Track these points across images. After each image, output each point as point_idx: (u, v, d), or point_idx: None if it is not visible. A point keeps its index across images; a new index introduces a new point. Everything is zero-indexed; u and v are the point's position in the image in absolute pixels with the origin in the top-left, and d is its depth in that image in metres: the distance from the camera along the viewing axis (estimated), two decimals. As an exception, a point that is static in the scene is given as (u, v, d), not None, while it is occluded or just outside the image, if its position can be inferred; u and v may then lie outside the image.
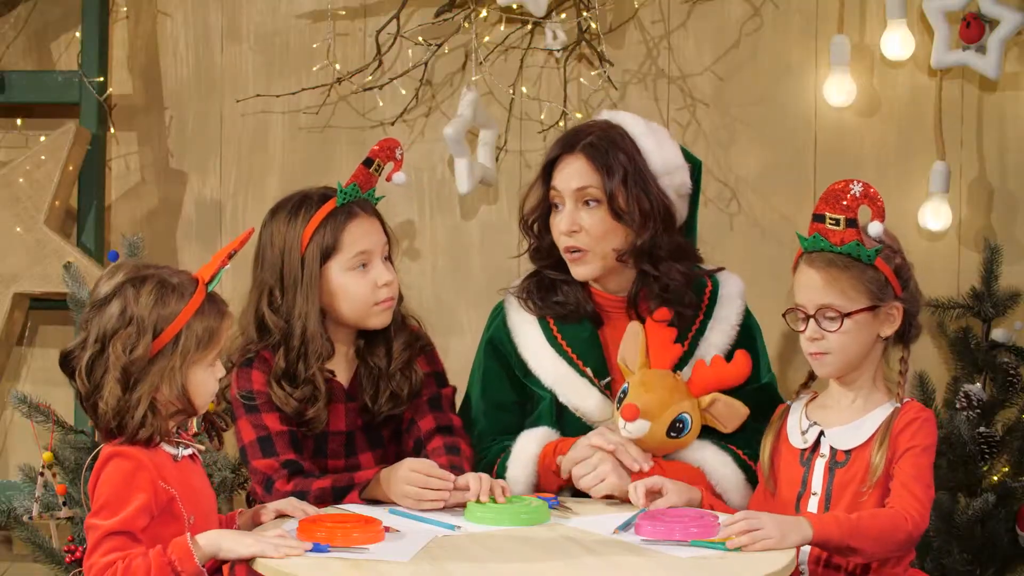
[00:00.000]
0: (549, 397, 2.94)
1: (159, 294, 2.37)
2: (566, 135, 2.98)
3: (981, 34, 3.55)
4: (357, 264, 2.86)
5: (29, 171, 3.81)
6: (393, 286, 2.91)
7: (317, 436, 2.89)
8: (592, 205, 2.90)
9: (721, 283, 3.02)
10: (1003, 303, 3.56)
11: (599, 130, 2.94)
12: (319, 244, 2.84)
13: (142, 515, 2.32)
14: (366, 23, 3.86)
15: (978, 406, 3.49)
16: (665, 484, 2.69)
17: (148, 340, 2.35)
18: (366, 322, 2.90)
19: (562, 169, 2.93)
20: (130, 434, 2.36)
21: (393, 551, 2.36)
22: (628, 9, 3.79)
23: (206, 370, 2.43)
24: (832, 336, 2.61)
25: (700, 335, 2.95)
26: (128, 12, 3.95)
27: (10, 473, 3.91)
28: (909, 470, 2.56)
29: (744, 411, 2.81)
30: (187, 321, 2.38)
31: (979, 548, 3.46)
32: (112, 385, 2.34)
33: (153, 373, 2.36)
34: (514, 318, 3.01)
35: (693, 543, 2.40)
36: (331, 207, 2.86)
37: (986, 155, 3.71)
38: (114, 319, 2.36)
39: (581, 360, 2.93)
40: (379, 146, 2.95)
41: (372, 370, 2.93)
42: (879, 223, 2.58)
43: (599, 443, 2.78)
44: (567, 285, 2.97)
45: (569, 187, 2.91)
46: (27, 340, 3.98)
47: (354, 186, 2.89)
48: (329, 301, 2.87)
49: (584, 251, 2.91)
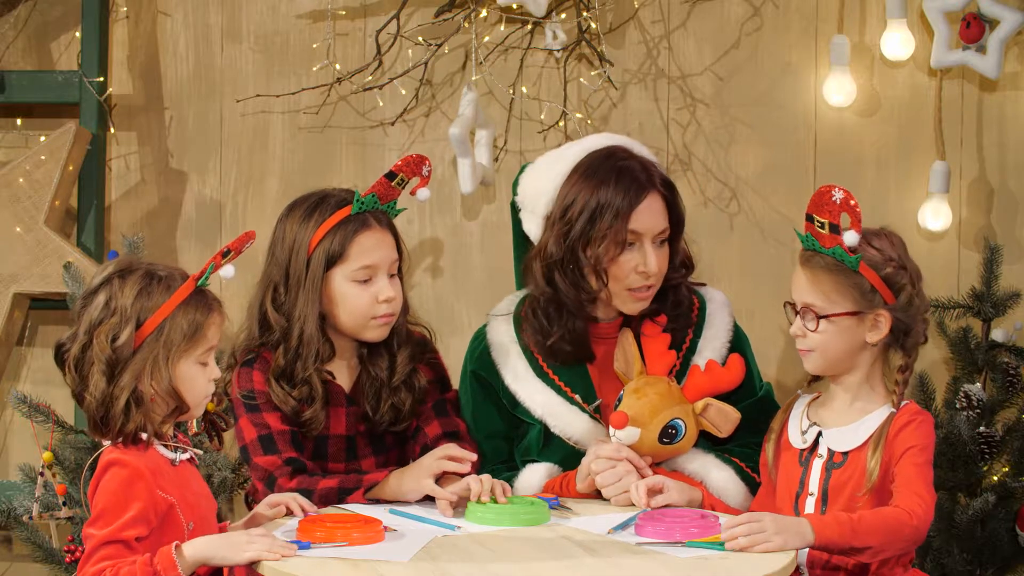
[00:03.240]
0: (538, 426, 2.94)
1: (144, 284, 2.37)
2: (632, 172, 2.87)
3: (981, 34, 3.55)
4: (361, 276, 2.85)
5: (29, 171, 3.81)
6: (395, 303, 2.87)
7: (317, 438, 2.88)
8: (663, 245, 2.91)
9: (707, 299, 3.02)
10: (1003, 303, 3.56)
11: (651, 163, 2.92)
12: (326, 250, 2.83)
13: (137, 524, 2.31)
14: (366, 23, 3.86)
15: (978, 406, 3.49)
16: (666, 483, 2.69)
17: (131, 330, 2.34)
18: (362, 334, 2.89)
19: (648, 209, 2.86)
20: (115, 429, 2.35)
21: (393, 551, 2.36)
22: (628, 9, 3.79)
23: (194, 366, 2.41)
24: (812, 335, 2.63)
25: (691, 352, 2.95)
26: (128, 12, 3.95)
27: (10, 473, 3.91)
28: (909, 470, 2.56)
29: (736, 415, 2.81)
30: (171, 312, 2.37)
31: (979, 548, 3.47)
32: (97, 377, 2.34)
33: (135, 362, 2.35)
34: (498, 349, 2.99)
35: (690, 543, 2.40)
36: (345, 213, 2.84)
37: (986, 155, 3.71)
38: (99, 309, 2.36)
39: (569, 387, 2.93)
40: (403, 161, 2.90)
41: (374, 379, 2.92)
42: (855, 233, 2.58)
43: (610, 454, 2.77)
44: (571, 323, 2.92)
45: (655, 229, 2.87)
46: (27, 340, 3.98)
47: (372, 196, 2.86)
48: (329, 307, 2.86)
49: (654, 286, 2.91)
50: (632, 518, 2.54)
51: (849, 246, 2.58)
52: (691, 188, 3.77)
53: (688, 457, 2.86)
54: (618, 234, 2.83)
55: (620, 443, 2.77)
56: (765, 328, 3.66)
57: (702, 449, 2.88)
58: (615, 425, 2.76)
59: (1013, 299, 3.56)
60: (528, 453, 2.95)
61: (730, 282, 3.72)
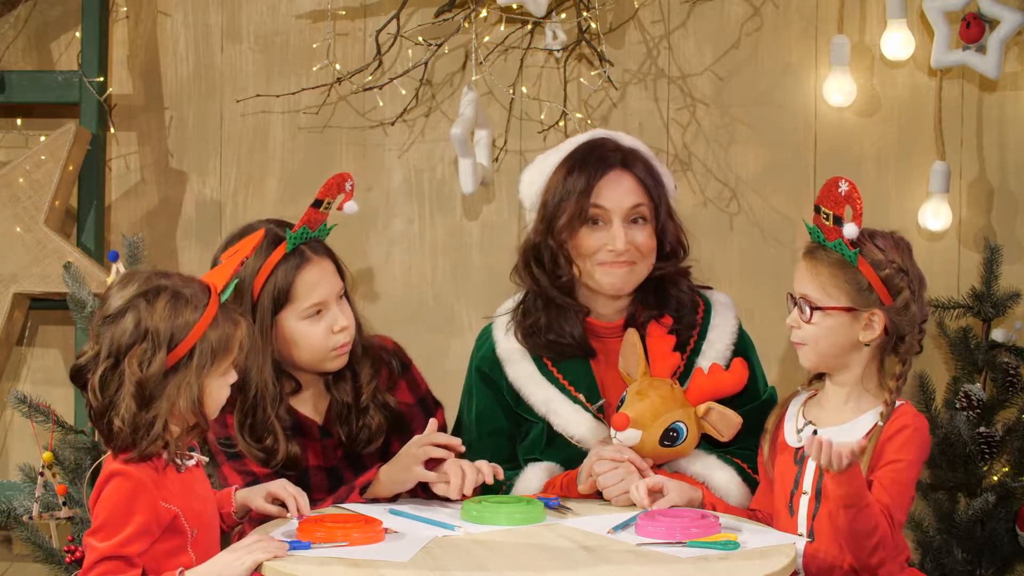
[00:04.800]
0: (541, 424, 2.94)
1: (173, 306, 2.32)
2: (602, 152, 2.91)
3: (981, 34, 3.55)
4: (312, 312, 2.78)
5: (29, 171, 3.81)
6: (349, 330, 2.82)
7: (299, 472, 2.84)
8: (640, 223, 2.89)
9: (713, 302, 3.02)
10: (1003, 303, 3.56)
11: (629, 148, 2.92)
12: (271, 294, 2.75)
13: (139, 539, 2.31)
14: (366, 23, 3.86)
15: (978, 406, 3.49)
16: (666, 483, 2.69)
17: (164, 355, 2.30)
18: (322, 366, 2.83)
19: (612, 185, 2.88)
20: (142, 450, 2.33)
21: (393, 551, 2.36)
22: (628, 9, 3.79)
23: (219, 379, 2.40)
24: (806, 327, 2.64)
25: (696, 355, 2.94)
26: (128, 12, 3.95)
27: (10, 473, 3.91)
28: (892, 489, 2.56)
29: (737, 420, 2.81)
30: (203, 332, 2.34)
31: (979, 548, 3.47)
32: (128, 401, 2.30)
33: (170, 387, 2.32)
34: (503, 347, 2.99)
35: (691, 543, 2.40)
36: (281, 253, 2.76)
37: (986, 155, 3.71)
38: (128, 333, 2.31)
39: (573, 386, 2.93)
40: (325, 187, 2.82)
41: (341, 405, 2.87)
42: (854, 226, 2.58)
43: (613, 455, 2.77)
44: (563, 317, 2.93)
45: (622, 205, 2.87)
46: (27, 340, 3.98)
47: (304, 229, 2.78)
48: (285, 348, 2.81)
49: (633, 263, 2.89)
50: (632, 518, 2.54)
51: (848, 238, 2.58)
52: (691, 188, 3.78)
53: (690, 458, 2.86)
54: (582, 211, 2.85)
55: (622, 444, 2.77)
56: (765, 328, 3.65)
57: (704, 450, 2.88)
58: (616, 427, 2.75)
59: (1013, 299, 3.57)
60: (531, 451, 2.95)
61: (730, 282, 3.72)
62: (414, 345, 3.08)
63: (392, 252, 3.90)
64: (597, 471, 2.76)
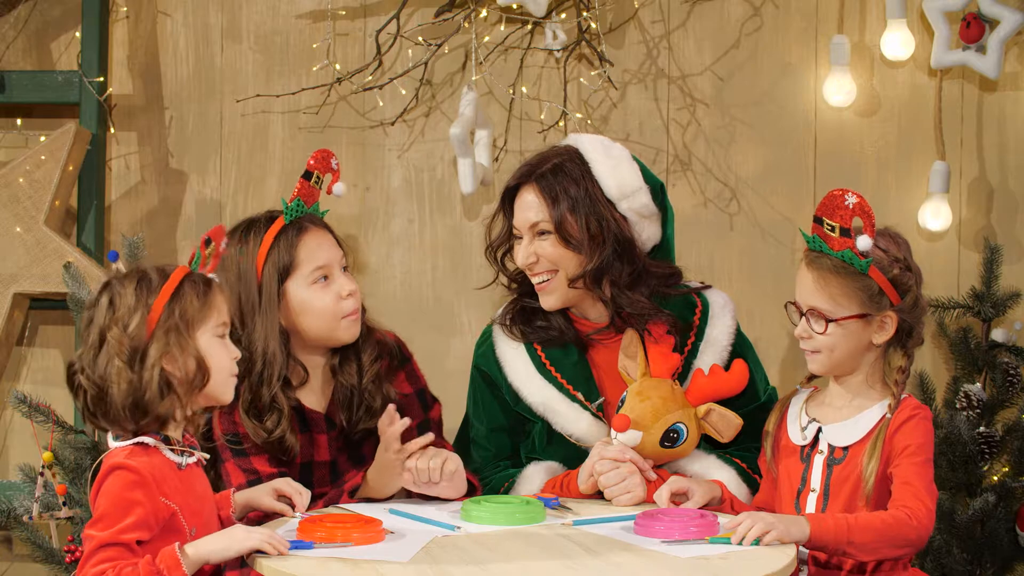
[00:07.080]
0: (541, 423, 2.95)
1: (141, 278, 2.40)
2: (523, 166, 2.97)
3: (981, 34, 3.55)
4: (318, 278, 2.82)
5: (29, 171, 3.81)
6: (357, 296, 2.86)
7: (302, 466, 2.85)
8: (544, 236, 2.91)
9: (710, 302, 3.01)
10: (1003, 303, 3.56)
11: (554, 157, 2.93)
12: (275, 264, 2.79)
13: (139, 528, 2.31)
14: (366, 23, 3.86)
15: (978, 406, 3.49)
16: (691, 487, 2.70)
17: (141, 316, 2.36)
18: (335, 336, 2.85)
19: (519, 203, 2.93)
20: (151, 412, 2.35)
21: (393, 551, 2.36)
22: (628, 9, 3.79)
23: (213, 338, 2.42)
24: (819, 337, 2.63)
25: (693, 356, 2.95)
26: (128, 12, 3.95)
27: (10, 473, 3.91)
28: (908, 470, 2.56)
29: (738, 421, 2.81)
30: (175, 288, 2.38)
31: (979, 548, 3.47)
32: (119, 368, 2.34)
33: (156, 342, 2.36)
34: (502, 347, 3.01)
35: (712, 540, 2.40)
36: (280, 226, 2.81)
37: (986, 155, 3.72)
38: (104, 309, 2.38)
39: (571, 385, 2.94)
40: (314, 158, 2.89)
41: (347, 388, 2.88)
42: (868, 238, 2.57)
43: (614, 455, 2.77)
44: (548, 313, 2.97)
45: (525, 222, 2.92)
46: (27, 340, 3.98)
47: (298, 201, 2.84)
48: (293, 320, 2.83)
49: (548, 280, 2.92)
50: (631, 517, 2.55)
51: (862, 250, 2.57)
52: (691, 188, 3.78)
53: (690, 459, 2.87)
54: (501, 221, 3.00)
55: (623, 445, 2.77)
56: (765, 328, 3.66)
57: (703, 451, 2.89)
58: (617, 428, 2.76)
59: (1013, 299, 3.57)
60: (532, 450, 2.96)
61: (730, 282, 3.72)
62: (414, 345, 3.08)
63: (392, 252, 3.90)
64: (599, 471, 2.76)
